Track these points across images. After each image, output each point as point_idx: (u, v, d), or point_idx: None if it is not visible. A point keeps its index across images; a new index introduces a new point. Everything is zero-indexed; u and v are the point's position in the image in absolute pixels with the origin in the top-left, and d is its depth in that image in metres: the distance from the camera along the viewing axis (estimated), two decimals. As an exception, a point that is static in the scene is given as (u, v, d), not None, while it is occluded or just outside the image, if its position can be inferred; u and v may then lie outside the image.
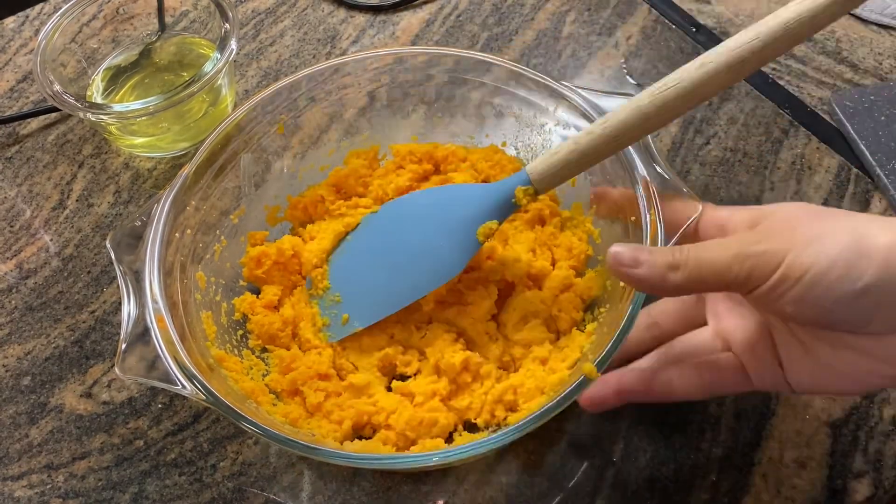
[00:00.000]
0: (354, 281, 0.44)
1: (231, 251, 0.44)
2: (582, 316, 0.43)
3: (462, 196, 0.42)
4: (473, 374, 0.41)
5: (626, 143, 0.37)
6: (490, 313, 0.43)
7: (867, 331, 0.30)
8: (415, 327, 0.43)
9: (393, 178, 0.47)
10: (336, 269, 0.45)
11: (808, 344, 0.32)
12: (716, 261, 0.31)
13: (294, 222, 0.48)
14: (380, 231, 0.45)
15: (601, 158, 0.37)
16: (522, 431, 0.33)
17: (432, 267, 0.41)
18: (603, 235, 0.44)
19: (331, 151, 0.49)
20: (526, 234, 0.46)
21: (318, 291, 0.44)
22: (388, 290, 0.43)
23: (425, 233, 0.42)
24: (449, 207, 0.42)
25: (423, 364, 0.42)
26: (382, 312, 0.42)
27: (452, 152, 0.48)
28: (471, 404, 0.40)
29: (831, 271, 0.29)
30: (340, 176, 0.48)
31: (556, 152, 0.37)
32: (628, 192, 0.39)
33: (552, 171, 0.38)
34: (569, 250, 0.44)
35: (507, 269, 0.44)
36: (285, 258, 0.45)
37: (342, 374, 0.42)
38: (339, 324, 0.43)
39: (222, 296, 0.43)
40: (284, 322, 0.43)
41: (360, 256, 0.44)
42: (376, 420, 0.39)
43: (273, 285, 0.44)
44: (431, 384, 0.40)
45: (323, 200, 0.47)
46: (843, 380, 0.32)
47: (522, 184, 0.39)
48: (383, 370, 0.42)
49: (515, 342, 0.42)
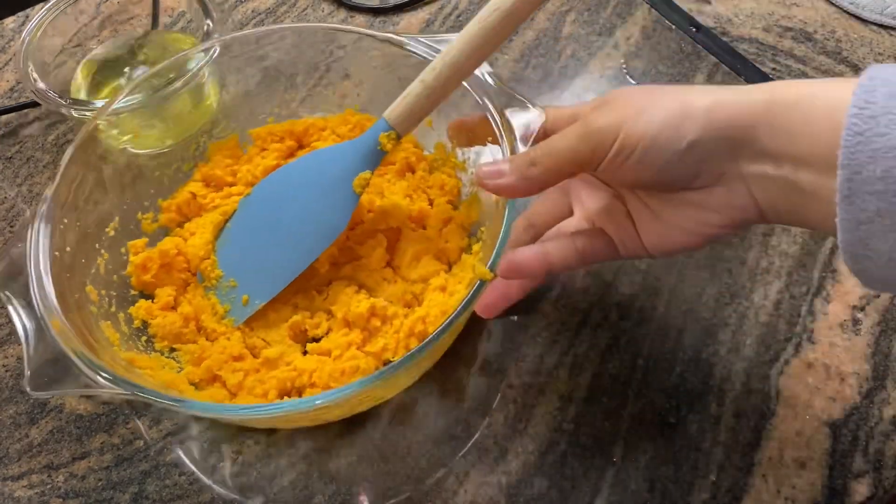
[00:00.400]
0: (246, 263, 0.45)
1: (115, 263, 0.44)
2: (467, 241, 0.46)
3: (330, 156, 0.44)
4: (381, 317, 0.42)
5: (468, 72, 0.39)
6: (384, 261, 0.45)
7: (697, 185, 0.34)
8: (316, 292, 0.45)
9: (259, 161, 0.49)
10: (224, 256, 0.46)
11: (654, 207, 0.36)
12: (564, 146, 0.35)
13: (171, 225, 0.48)
14: (258, 210, 0.46)
15: (449, 91, 0.40)
16: (432, 345, 0.35)
17: (318, 229, 0.44)
18: (468, 165, 0.47)
19: (186, 167, 0.50)
20: (399, 183, 0.49)
21: (211, 282, 0.45)
22: (280, 262, 0.44)
23: (303, 199, 0.44)
24: (320, 170, 0.44)
25: (332, 322, 0.43)
26: (280, 284, 0.44)
27: (311, 124, 0.50)
28: (386, 345, 0.41)
29: (661, 134, 0.32)
30: (206, 171, 0.49)
31: (407, 94, 0.40)
32: (480, 117, 0.42)
33: (408, 112, 0.41)
34: (441, 188, 0.48)
35: (390, 217, 0.46)
36: (170, 258, 0.45)
37: (256, 352, 0.43)
38: (240, 306, 0.44)
39: (117, 306, 0.43)
40: (185, 319, 0.43)
41: (246, 238, 0.46)
42: (300, 382, 0.40)
43: (165, 287, 0.44)
44: (344, 337, 0.42)
45: (195, 197, 0.48)
46: (685, 235, 0.35)
47: (384, 130, 0.41)
48: (295, 338, 0.43)
49: (413, 281, 0.44)
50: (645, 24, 0.61)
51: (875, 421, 0.41)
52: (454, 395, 0.43)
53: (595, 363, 0.44)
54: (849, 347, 0.44)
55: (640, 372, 0.43)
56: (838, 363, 0.43)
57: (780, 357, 0.44)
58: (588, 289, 0.47)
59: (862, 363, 0.43)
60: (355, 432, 0.42)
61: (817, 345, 0.44)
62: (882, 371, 0.43)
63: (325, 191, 0.44)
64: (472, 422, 0.42)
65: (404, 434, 0.42)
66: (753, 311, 0.45)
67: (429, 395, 0.43)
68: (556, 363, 0.44)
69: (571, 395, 0.43)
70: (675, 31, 0.60)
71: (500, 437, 0.41)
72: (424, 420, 0.42)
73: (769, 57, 0.58)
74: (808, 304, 0.46)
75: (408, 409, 0.43)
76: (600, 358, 0.44)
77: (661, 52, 0.59)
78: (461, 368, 0.44)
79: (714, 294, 0.46)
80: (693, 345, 0.44)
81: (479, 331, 0.45)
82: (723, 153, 0.32)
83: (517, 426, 0.42)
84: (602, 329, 0.45)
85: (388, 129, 0.41)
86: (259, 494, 0.40)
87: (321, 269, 0.45)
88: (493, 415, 0.42)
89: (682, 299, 0.46)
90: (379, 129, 0.42)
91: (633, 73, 0.58)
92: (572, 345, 0.44)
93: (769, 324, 0.45)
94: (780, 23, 0.60)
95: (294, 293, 0.45)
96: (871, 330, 0.45)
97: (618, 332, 0.45)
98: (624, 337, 0.45)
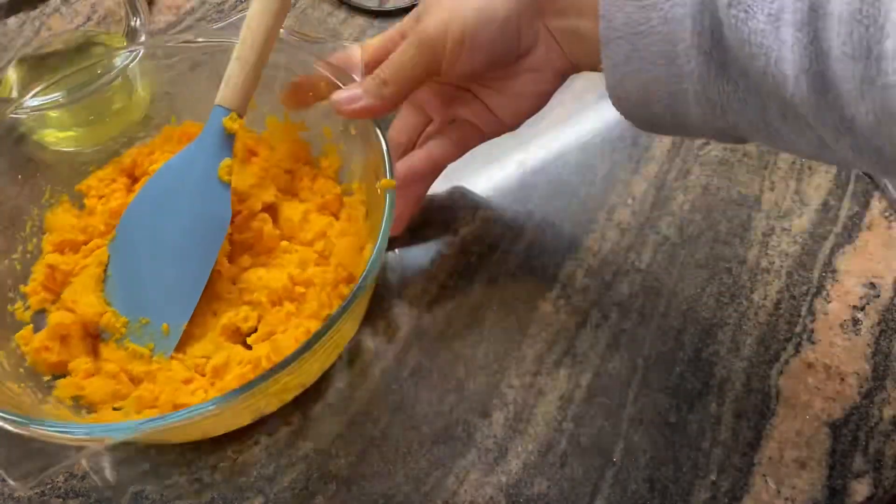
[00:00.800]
0: (147, 296, 0.44)
1: (13, 358, 0.42)
2: (340, 188, 0.48)
3: (182, 162, 0.44)
4: (304, 283, 0.43)
5: (275, 31, 0.42)
6: (277, 236, 0.46)
7: (522, 52, 0.39)
8: (227, 293, 0.44)
9: (102, 209, 0.47)
10: (121, 301, 0.44)
11: (496, 87, 0.42)
12: (408, 60, 0.39)
13: (45, 305, 0.45)
14: (134, 243, 0.45)
15: (266, 56, 0.42)
16: (378, 264, 0.37)
17: (206, 229, 0.43)
18: (307, 124, 0.49)
19: (30, 246, 0.47)
20: (249, 169, 0.48)
21: (120, 332, 0.43)
22: (183, 277, 0.44)
23: (176, 211, 0.44)
24: (179, 178, 0.44)
25: (259, 309, 0.43)
26: (194, 298, 0.43)
27: (136, 154, 0.50)
28: (321, 302, 0.42)
29: (479, 19, 0.37)
30: (54, 240, 0.46)
31: (230, 75, 0.42)
32: (305, 76, 0.45)
33: (238, 89, 0.42)
34: (292, 155, 0.49)
35: (261, 193, 0.46)
36: (67, 330, 0.42)
37: (201, 370, 0.42)
38: (163, 338, 0.43)
39: (42, 394, 0.41)
40: (116, 378, 0.41)
41: (135, 274, 0.44)
42: (265, 367, 0.39)
43: (76, 360, 0.42)
44: (281, 311, 0.42)
45: (55, 269, 0.45)
46: (529, 99, 0.42)
47: (223, 115, 0.42)
48: (232, 338, 0.43)
49: (312, 241, 0.45)
50: (645, 24, 0.61)
51: (875, 421, 0.41)
52: (454, 393, 0.43)
53: (595, 363, 0.44)
54: (849, 347, 0.44)
55: (640, 372, 0.43)
56: (838, 363, 0.43)
57: (780, 357, 0.44)
58: (588, 289, 0.47)
59: (862, 363, 0.43)
60: (355, 432, 0.42)
61: (817, 345, 0.44)
62: (882, 371, 0.43)
63: (195, 193, 0.43)
64: (472, 422, 0.42)
65: (404, 434, 0.42)
66: (753, 311, 0.45)
67: (429, 394, 0.43)
68: (556, 363, 0.44)
69: (572, 395, 0.43)
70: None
71: (500, 437, 0.41)
72: (424, 420, 0.42)
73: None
74: (808, 304, 0.46)
75: (407, 408, 0.43)
76: (600, 358, 0.44)
77: (661, 52, 0.59)
78: (460, 367, 0.44)
79: (714, 294, 0.46)
80: (693, 345, 0.44)
81: (478, 331, 0.45)
82: (531, 16, 0.38)
83: (517, 426, 0.42)
84: (602, 329, 0.45)
85: (227, 112, 0.42)
86: (259, 494, 0.40)
87: (223, 270, 0.44)
88: (493, 415, 0.42)
89: (682, 299, 0.46)
90: (218, 115, 0.42)
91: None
92: (572, 345, 0.44)
93: (769, 324, 0.45)
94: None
95: (208, 303, 0.44)
96: (871, 330, 0.45)
97: (618, 331, 0.45)
98: (624, 337, 0.45)
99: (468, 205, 0.51)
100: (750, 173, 0.51)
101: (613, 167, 0.52)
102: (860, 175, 0.51)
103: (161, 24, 0.64)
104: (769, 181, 0.51)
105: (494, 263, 0.48)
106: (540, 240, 0.49)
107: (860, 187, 0.50)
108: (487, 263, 0.48)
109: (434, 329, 0.45)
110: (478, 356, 0.44)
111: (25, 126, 0.49)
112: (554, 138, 0.54)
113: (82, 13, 0.54)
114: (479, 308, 0.46)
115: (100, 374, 0.42)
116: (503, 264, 0.48)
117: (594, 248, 0.48)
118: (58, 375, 0.42)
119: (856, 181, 0.51)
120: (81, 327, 0.43)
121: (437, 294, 0.47)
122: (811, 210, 0.49)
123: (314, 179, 0.48)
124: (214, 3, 0.65)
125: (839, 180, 0.51)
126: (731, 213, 0.49)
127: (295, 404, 0.43)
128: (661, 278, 0.47)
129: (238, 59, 0.42)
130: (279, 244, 0.46)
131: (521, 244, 0.49)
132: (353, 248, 0.44)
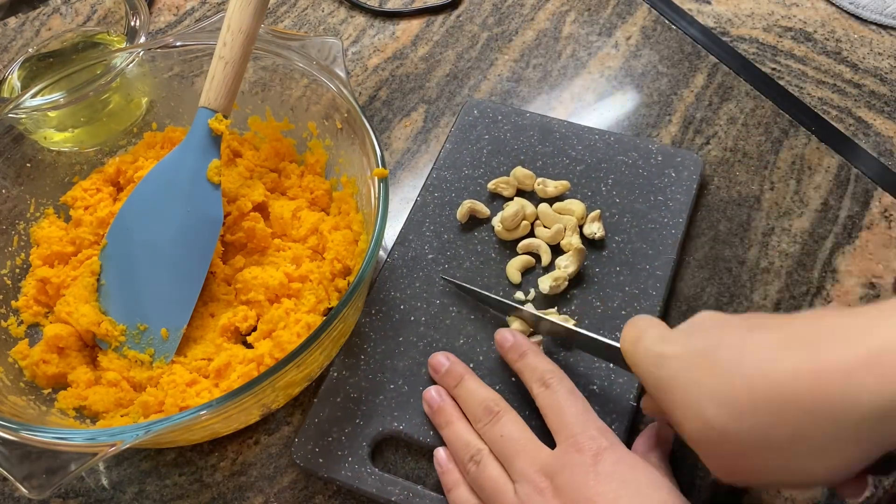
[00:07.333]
0: (143, 302, 0.43)
1: (12, 373, 0.42)
2: (328, 183, 0.48)
3: (169, 166, 0.44)
4: (299, 279, 0.43)
5: (255, 30, 0.42)
6: (269, 234, 0.46)
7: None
8: (223, 294, 0.45)
9: (89, 219, 0.47)
10: (117, 309, 0.44)
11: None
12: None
13: (38, 318, 0.45)
14: (126, 250, 0.44)
15: (247, 55, 0.42)
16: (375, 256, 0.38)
17: (199, 231, 0.43)
18: (291, 120, 0.50)
19: (18, 261, 0.47)
20: (234, 170, 0.49)
21: (118, 340, 0.43)
22: (179, 281, 0.43)
23: (167, 215, 0.44)
24: (167, 182, 0.44)
25: (257, 308, 0.43)
26: (191, 301, 0.43)
27: (119, 163, 0.50)
28: (319, 297, 0.42)
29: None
30: (42, 253, 0.46)
31: (213, 76, 0.42)
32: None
33: (222, 90, 0.42)
34: (276, 154, 0.49)
35: (251, 193, 0.47)
36: (64, 343, 0.42)
37: (204, 372, 0.42)
38: (163, 343, 0.43)
39: (46, 406, 0.41)
40: (118, 386, 0.41)
41: (129, 281, 0.44)
42: (269, 363, 0.40)
43: (75, 371, 0.42)
44: (280, 308, 0.42)
45: (46, 282, 0.45)
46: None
47: (208, 116, 0.42)
48: (232, 339, 0.43)
49: (304, 237, 0.46)
50: (645, 24, 0.61)
51: (875, 421, 0.41)
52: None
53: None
54: (849, 347, 0.44)
55: (640, 372, 0.43)
56: (838, 363, 0.43)
57: (780, 357, 0.44)
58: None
59: (862, 363, 0.43)
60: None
61: (817, 345, 0.44)
62: (882, 371, 0.43)
63: (185, 196, 0.43)
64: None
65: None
66: (753, 311, 0.45)
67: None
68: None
69: (571, 395, 0.42)
70: (675, 31, 0.60)
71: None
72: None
73: (769, 57, 0.58)
74: (808, 304, 0.46)
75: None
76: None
77: (660, 52, 0.59)
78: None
79: (714, 294, 0.46)
80: (693, 345, 0.44)
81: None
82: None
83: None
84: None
85: (211, 113, 0.42)
86: (259, 494, 0.40)
87: (217, 271, 0.45)
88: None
89: (682, 299, 0.46)
90: (203, 117, 0.42)
91: (632, 72, 0.58)
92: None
93: (769, 324, 0.45)
94: (779, 23, 0.60)
95: (205, 306, 0.44)
96: (871, 330, 0.45)
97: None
98: (624, 337, 0.45)
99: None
100: (750, 173, 0.51)
101: (613, 167, 0.52)
102: (860, 175, 0.51)
103: (161, 24, 0.64)
104: (769, 181, 0.51)
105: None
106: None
107: (860, 187, 0.50)
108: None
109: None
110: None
111: (24, 125, 0.49)
112: (554, 138, 0.54)
113: (82, 13, 0.54)
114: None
115: (101, 384, 0.42)
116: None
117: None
118: (57, 388, 0.42)
119: (856, 182, 0.51)
120: (78, 338, 0.43)
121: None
122: (811, 210, 0.49)
123: (301, 176, 0.49)
124: (214, 4, 0.66)
125: (839, 181, 0.51)
126: (731, 213, 0.49)
127: (295, 404, 0.43)
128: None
129: (219, 59, 0.42)
130: (272, 242, 0.46)
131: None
132: (347, 241, 0.44)
